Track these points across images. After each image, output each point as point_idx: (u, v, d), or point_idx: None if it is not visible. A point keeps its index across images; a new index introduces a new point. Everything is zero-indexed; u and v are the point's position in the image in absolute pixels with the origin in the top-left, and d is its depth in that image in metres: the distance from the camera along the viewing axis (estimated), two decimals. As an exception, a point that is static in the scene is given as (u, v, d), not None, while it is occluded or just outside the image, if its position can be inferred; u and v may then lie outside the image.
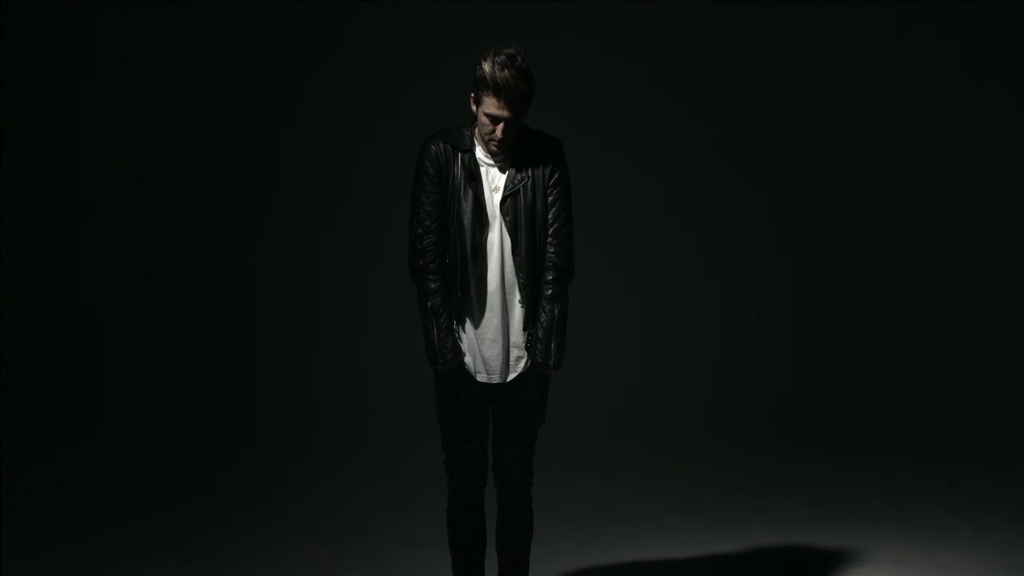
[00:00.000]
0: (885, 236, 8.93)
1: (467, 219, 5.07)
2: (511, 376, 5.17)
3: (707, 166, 8.96)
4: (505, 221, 5.09)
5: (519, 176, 5.11)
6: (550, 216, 5.14)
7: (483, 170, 5.12)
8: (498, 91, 4.92)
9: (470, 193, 5.07)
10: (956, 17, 8.81)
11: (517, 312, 5.14)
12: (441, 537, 5.47)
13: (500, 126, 4.98)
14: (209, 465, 7.87)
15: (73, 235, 8.98)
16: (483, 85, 4.95)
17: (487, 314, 5.11)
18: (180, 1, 8.83)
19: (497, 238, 5.10)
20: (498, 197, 5.10)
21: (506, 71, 4.90)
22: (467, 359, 5.15)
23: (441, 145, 5.11)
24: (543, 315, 5.13)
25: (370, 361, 8.72)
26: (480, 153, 5.12)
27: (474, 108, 5.05)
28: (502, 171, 5.12)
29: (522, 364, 5.17)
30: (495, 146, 5.05)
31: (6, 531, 6.70)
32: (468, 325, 5.13)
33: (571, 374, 6.43)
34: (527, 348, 5.17)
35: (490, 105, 4.95)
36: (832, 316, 8.94)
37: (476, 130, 5.11)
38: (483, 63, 4.94)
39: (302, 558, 6.45)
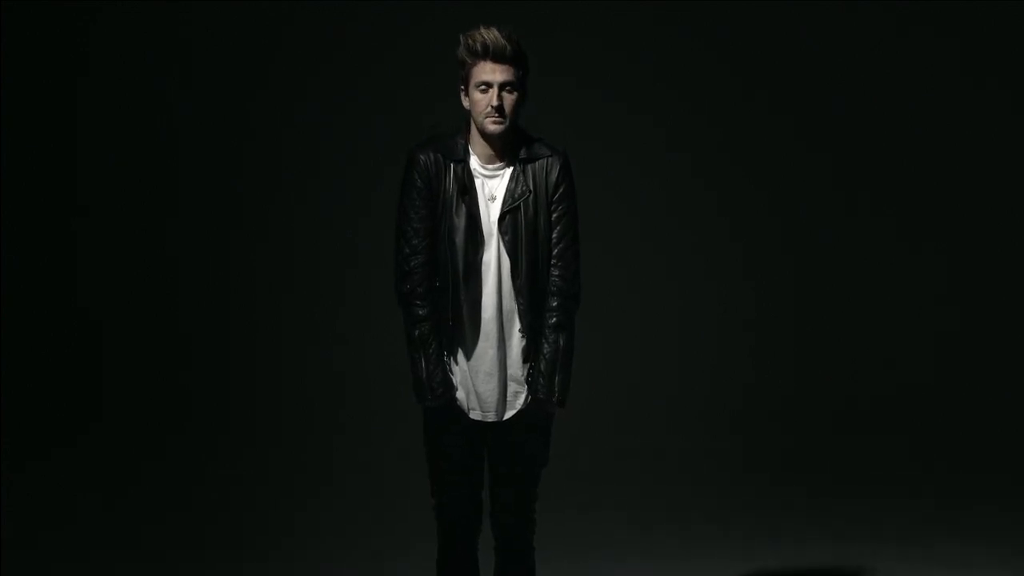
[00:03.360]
0: (885, 236, 8.77)
1: (459, 238, 4.46)
2: (509, 414, 4.55)
3: (707, 166, 8.76)
4: (503, 240, 4.47)
5: (519, 189, 4.47)
6: (554, 235, 4.55)
7: (478, 182, 4.49)
8: (486, 51, 4.36)
9: (463, 208, 4.45)
10: (956, 17, 8.61)
11: (516, 342, 4.53)
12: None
13: (494, 91, 4.39)
14: (209, 465, 7.73)
15: (73, 235, 8.77)
16: (470, 54, 4.39)
17: (482, 344, 4.50)
18: (180, 1, 8.74)
19: (494, 259, 4.49)
20: (495, 213, 4.47)
21: (492, 30, 4.38)
22: (459, 394, 4.53)
23: (431, 155, 4.48)
24: (546, 346, 4.51)
25: (370, 361, 8.59)
26: (475, 164, 4.49)
27: (465, 102, 4.46)
28: (500, 183, 4.50)
29: (521, 400, 4.55)
30: (494, 122, 4.41)
31: (6, 531, 6.56)
32: (460, 356, 4.52)
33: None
34: (527, 382, 4.54)
35: (480, 72, 4.38)
36: (832, 316, 8.78)
37: (471, 135, 4.49)
38: (465, 36, 4.42)
39: (302, 558, 6.38)
